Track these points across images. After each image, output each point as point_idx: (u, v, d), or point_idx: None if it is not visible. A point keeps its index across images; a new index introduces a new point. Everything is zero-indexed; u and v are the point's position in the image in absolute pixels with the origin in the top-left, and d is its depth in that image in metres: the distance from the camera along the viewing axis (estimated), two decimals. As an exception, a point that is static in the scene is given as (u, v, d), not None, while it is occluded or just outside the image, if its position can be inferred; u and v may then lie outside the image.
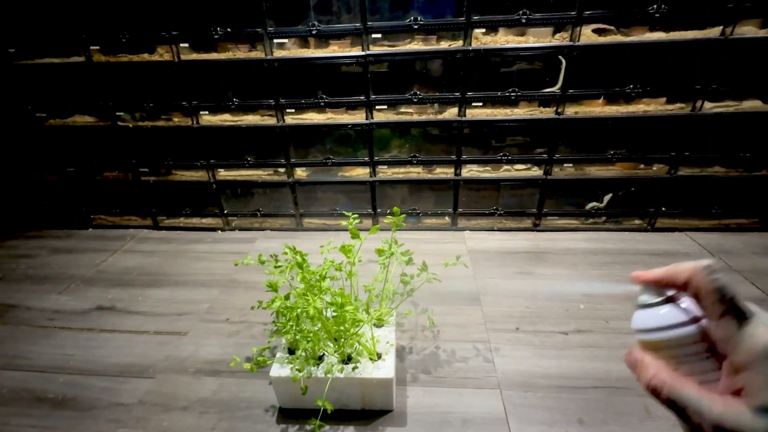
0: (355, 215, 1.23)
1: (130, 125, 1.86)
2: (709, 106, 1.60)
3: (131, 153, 1.93)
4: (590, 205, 1.81)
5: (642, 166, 1.76)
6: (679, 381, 0.29)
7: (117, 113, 1.85)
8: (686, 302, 0.31)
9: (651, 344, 0.32)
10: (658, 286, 0.32)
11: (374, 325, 1.16)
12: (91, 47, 1.72)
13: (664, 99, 1.62)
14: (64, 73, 1.78)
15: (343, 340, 1.02)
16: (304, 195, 1.96)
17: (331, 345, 1.05)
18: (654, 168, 1.74)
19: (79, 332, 1.43)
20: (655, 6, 1.44)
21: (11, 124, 1.94)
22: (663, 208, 1.80)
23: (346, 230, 1.09)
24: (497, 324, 1.37)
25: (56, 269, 1.81)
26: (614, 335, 1.30)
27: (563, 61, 1.55)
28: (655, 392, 0.30)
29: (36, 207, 2.14)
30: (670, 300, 0.32)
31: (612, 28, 1.51)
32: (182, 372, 1.23)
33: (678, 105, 1.63)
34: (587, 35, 1.50)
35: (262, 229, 2.07)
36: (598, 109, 1.65)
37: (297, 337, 1.03)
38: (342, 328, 1.00)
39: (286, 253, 1.13)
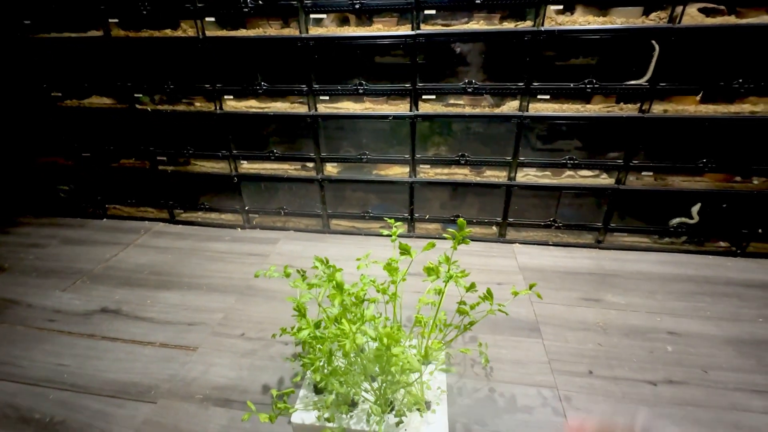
0: (399, 223, 1.02)
1: (149, 109, 1.70)
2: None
3: (149, 139, 1.77)
4: (675, 220, 1.52)
5: (738, 179, 1.46)
6: None
7: (135, 95, 1.69)
8: None
9: None
10: None
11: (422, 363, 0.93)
12: (110, 20, 1.55)
13: (776, 98, 1.33)
14: (81, 49, 1.63)
15: (385, 384, 0.81)
16: (332, 193, 1.76)
17: (369, 388, 0.84)
18: (755, 182, 1.45)
19: (78, 338, 1.27)
20: (783, -20, 1.15)
21: (25, 104, 1.81)
22: (759, 230, 1.50)
23: (377, 235, 0.89)
24: (565, 364, 1.12)
25: (64, 262, 1.66)
26: (717, 391, 1.03)
27: (656, 48, 1.28)
28: None
29: (51, 193, 2.01)
30: None
31: (723, 8, 1.23)
32: (188, 398, 1.05)
33: (794, 106, 1.33)
34: (691, 15, 1.23)
35: (285, 229, 1.87)
36: (692, 107, 1.37)
37: (327, 375, 0.83)
38: (385, 369, 0.78)
39: (316, 267, 0.93)
